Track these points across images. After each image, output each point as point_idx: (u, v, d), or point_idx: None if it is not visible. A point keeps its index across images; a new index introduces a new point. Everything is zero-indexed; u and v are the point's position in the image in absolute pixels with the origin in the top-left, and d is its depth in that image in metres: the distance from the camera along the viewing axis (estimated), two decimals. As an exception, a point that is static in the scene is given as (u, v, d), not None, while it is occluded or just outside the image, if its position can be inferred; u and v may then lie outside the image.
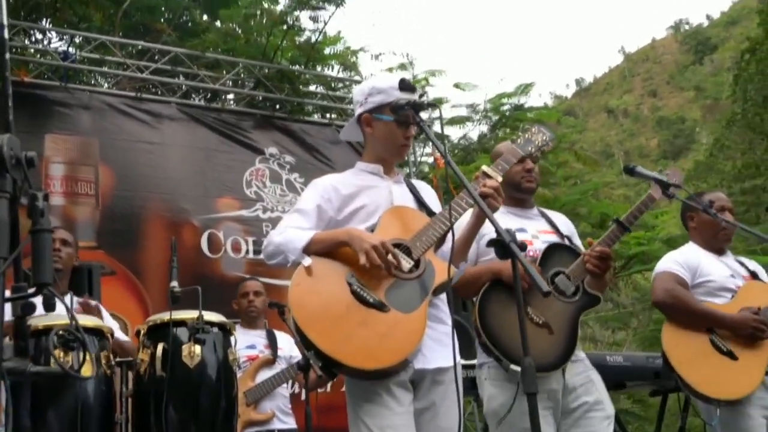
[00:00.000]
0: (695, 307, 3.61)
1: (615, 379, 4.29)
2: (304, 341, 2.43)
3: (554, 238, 3.24)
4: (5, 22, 1.52)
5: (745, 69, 26.17)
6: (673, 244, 6.84)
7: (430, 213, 2.79)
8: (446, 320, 2.65)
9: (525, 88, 10.10)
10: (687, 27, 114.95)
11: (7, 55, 1.53)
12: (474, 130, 10.50)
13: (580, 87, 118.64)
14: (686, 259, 3.78)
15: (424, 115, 7.65)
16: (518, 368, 2.75)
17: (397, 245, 2.57)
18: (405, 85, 2.74)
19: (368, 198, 2.75)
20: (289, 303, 2.48)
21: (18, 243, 1.44)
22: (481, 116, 10.28)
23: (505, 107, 10.22)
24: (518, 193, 3.30)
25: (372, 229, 2.64)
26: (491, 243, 2.24)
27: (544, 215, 3.40)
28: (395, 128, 2.75)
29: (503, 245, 2.18)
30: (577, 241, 3.36)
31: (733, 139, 27.22)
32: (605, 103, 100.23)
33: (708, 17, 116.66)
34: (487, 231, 3.03)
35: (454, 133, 10.61)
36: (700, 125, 71.62)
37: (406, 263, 2.55)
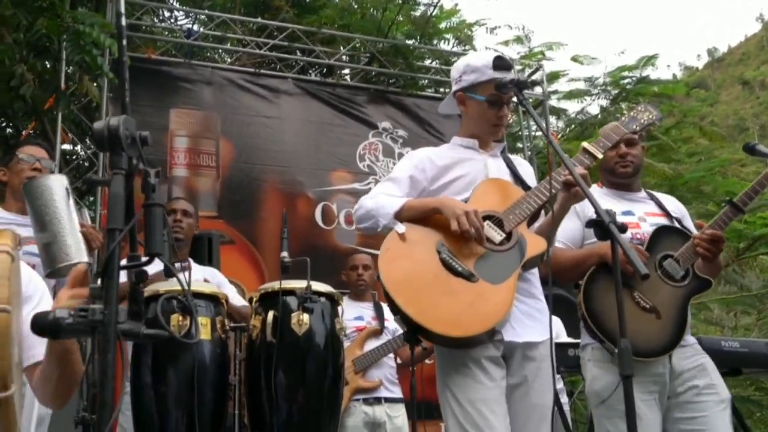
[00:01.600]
0: None
1: (730, 364, 4.12)
2: (392, 306, 2.49)
3: (663, 221, 3.15)
4: (123, 10, 1.63)
5: None
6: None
7: (526, 188, 2.77)
8: (539, 296, 2.64)
9: (648, 60, 9.70)
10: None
11: (124, 41, 1.65)
12: (593, 105, 10.20)
13: (713, 57, 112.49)
14: None
15: (538, 89, 7.49)
16: None
17: (490, 216, 2.58)
18: (500, 64, 2.71)
19: (463, 170, 2.76)
20: (379, 268, 2.53)
21: (133, 215, 1.56)
22: (600, 90, 9.96)
23: (626, 81, 9.85)
24: (614, 178, 3.23)
25: (466, 201, 2.65)
26: (590, 224, 2.23)
27: (652, 197, 3.30)
28: (487, 108, 2.75)
29: (602, 226, 2.16)
30: (689, 224, 3.25)
31: None
32: (740, 75, 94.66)
33: None
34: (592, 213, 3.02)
35: (572, 107, 10.33)
36: None
37: (498, 235, 2.55)
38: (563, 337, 5.09)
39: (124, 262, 1.59)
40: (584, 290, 2.95)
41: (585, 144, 2.78)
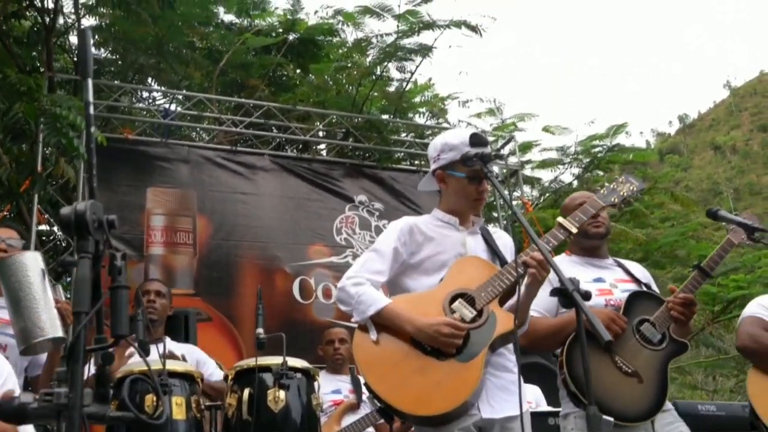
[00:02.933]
0: None
1: (708, 428, 4.14)
2: (365, 384, 2.53)
3: (633, 287, 3.19)
4: (91, 99, 1.69)
5: None
6: (776, 286, 6.57)
7: (504, 262, 2.80)
8: (512, 369, 2.65)
9: (617, 129, 9.95)
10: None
11: (93, 128, 1.70)
12: (566, 173, 10.40)
13: (684, 124, 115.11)
14: None
15: (512, 159, 7.61)
16: (610, 419, 2.73)
17: (461, 295, 2.62)
18: (476, 140, 2.76)
19: (440, 247, 2.78)
20: (352, 347, 2.60)
21: (100, 298, 1.58)
22: (572, 159, 10.17)
23: (597, 149, 10.07)
24: (587, 240, 3.26)
25: (443, 278, 2.69)
26: (554, 292, 2.26)
27: (619, 264, 3.35)
28: (467, 184, 2.78)
29: (566, 294, 2.19)
30: (655, 289, 3.30)
31: None
32: (711, 140, 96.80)
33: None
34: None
35: (546, 176, 10.53)
36: (815, 160, 68.10)
37: (469, 312, 2.58)
38: (543, 406, 5.06)
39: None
40: (566, 357, 2.96)
41: (560, 219, 2.83)
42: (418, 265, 2.77)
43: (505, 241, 2.95)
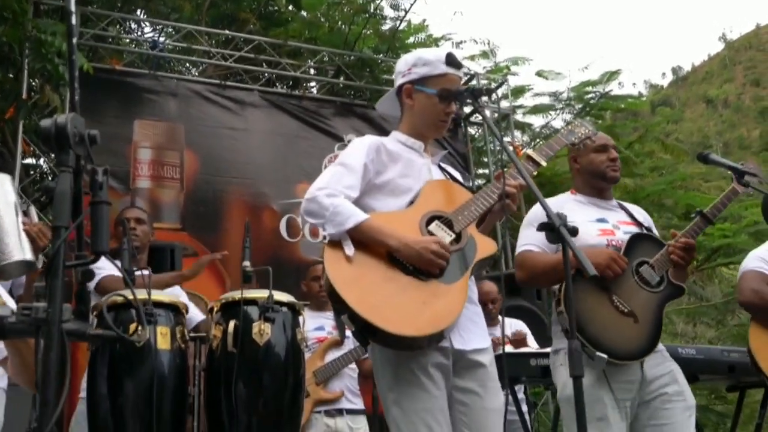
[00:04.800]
0: None
1: (687, 371, 4.15)
2: (339, 305, 2.35)
3: (634, 229, 3.20)
4: (73, 8, 1.62)
5: None
6: (761, 236, 6.58)
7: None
8: (476, 300, 2.62)
9: (611, 76, 9.87)
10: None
11: (74, 40, 1.63)
12: (557, 119, 10.35)
13: (677, 76, 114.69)
14: None
15: (504, 103, 7.54)
16: (604, 355, 2.76)
17: (438, 217, 2.54)
18: (452, 60, 2.65)
19: (406, 169, 2.67)
20: (324, 264, 2.39)
21: (80, 213, 1.54)
22: (564, 105, 10.10)
23: (590, 96, 10.01)
24: (602, 182, 3.25)
25: (413, 200, 2.60)
26: (542, 227, 2.24)
27: (622, 207, 3.35)
28: (437, 102, 2.65)
29: (552, 229, 2.18)
30: (655, 233, 3.31)
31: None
32: (704, 93, 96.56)
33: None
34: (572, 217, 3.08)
35: (537, 121, 10.47)
36: (806, 115, 68.18)
37: (447, 235, 2.50)
38: (532, 341, 5.11)
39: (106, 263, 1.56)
40: (563, 294, 2.96)
41: (529, 151, 2.80)
42: (383, 186, 2.64)
43: (458, 177, 2.88)
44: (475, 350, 2.53)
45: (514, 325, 5.18)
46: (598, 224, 3.12)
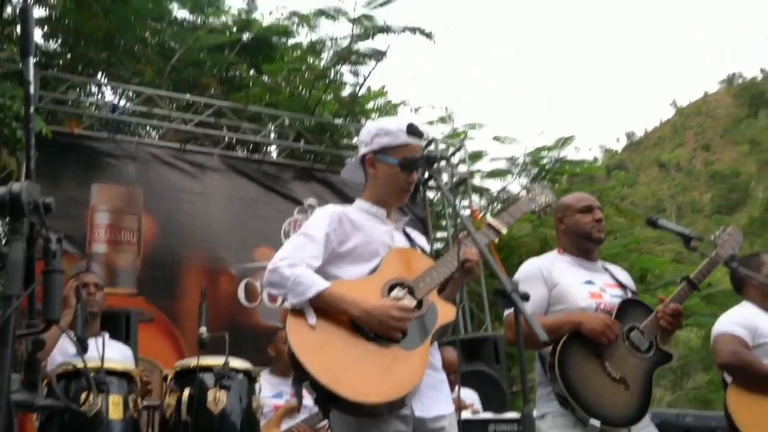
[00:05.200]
0: (764, 370, 3.56)
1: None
2: (300, 371, 2.35)
3: (619, 292, 3.23)
4: (31, 79, 1.63)
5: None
6: (712, 299, 6.71)
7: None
8: (439, 367, 2.62)
9: (565, 141, 10.12)
10: (740, 81, 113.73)
11: (32, 109, 1.64)
12: (514, 183, 10.54)
13: (631, 141, 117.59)
14: (745, 321, 3.71)
15: (462, 167, 7.65)
16: (597, 423, 2.77)
17: (399, 284, 2.56)
18: (413, 130, 2.72)
19: (369, 237, 2.70)
20: (287, 333, 2.40)
21: (33, 282, 1.52)
22: (520, 169, 10.30)
23: (545, 160, 10.23)
24: (588, 243, 3.27)
25: (375, 268, 2.62)
26: (495, 293, 2.26)
27: (606, 269, 3.39)
28: (399, 172, 2.70)
29: (505, 295, 2.19)
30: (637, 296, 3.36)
31: (789, 195, 26.72)
32: (657, 157, 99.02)
33: (762, 71, 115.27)
34: (560, 280, 3.10)
35: (494, 185, 10.66)
36: (755, 179, 70.26)
37: (409, 302, 2.51)
38: (479, 410, 5.09)
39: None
40: (558, 359, 2.96)
41: (490, 219, 2.84)
42: (346, 255, 2.66)
43: (422, 241, 2.91)
44: (437, 417, 2.52)
45: (468, 397, 5.14)
46: (587, 286, 3.14)
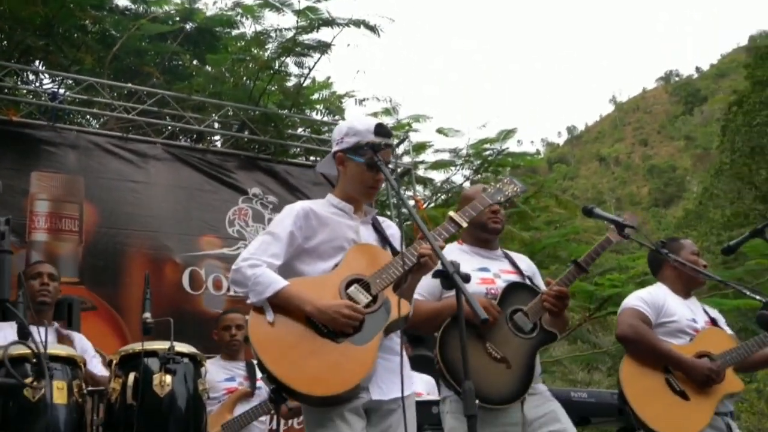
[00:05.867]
0: (657, 346, 3.73)
1: (579, 414, 4.38)
2: (259, 364, 2.58)
3: (515, 278, 3.37)
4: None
5: (733, 120, 26.68)
6: (645, 285, 6.94)
7: (394, 252, 2.92)
8: (398, 351, 2.75)
9: (507, 134, 10.29)
10: (677, 78, 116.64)
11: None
12: (457, 175, 10.69)
13: (572, 135, 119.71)
14: (653, 299, 3.90)
15: (406, 159, 7.75)
16: (475, 401, 2.88)
17: (357, 280, 2.73)
18: (381, 131, 2.86)
19: (334, 233, 2.87)
20: (248, 329, 2.66)
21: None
22: (464, 161, 10.45)
23: (488, 152, 10.40)
24: (484, 233, 3.44)
25: (337, 265, 2.79)
26: (437, 274, 2.37)
27: (507, 256, 3.53)
28: (365, 170, 2.86)
29: (447, 276, 2.31)
30: (539, 281, 3.49)
31: (722, 189, 27.56)
32: (597, 151, 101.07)
33: (698, 69, 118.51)
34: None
35: (438, 176, 10.81)
36: (690, 174, 72.26)
37: (365, 298, 2.69)
38: (436, 396, 5.18)
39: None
40: (440, 342, 3.09)
41: (451, 213, 2.97)
42: (312, 251, 2.85)
43: (393, 232, 3.07)
44: (395, 399, 2.67)
45: (424, 383, 5.23)
46: (480, 273, 3.30)
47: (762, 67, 26.33)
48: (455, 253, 3.34)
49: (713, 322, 4.01)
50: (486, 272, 3.34)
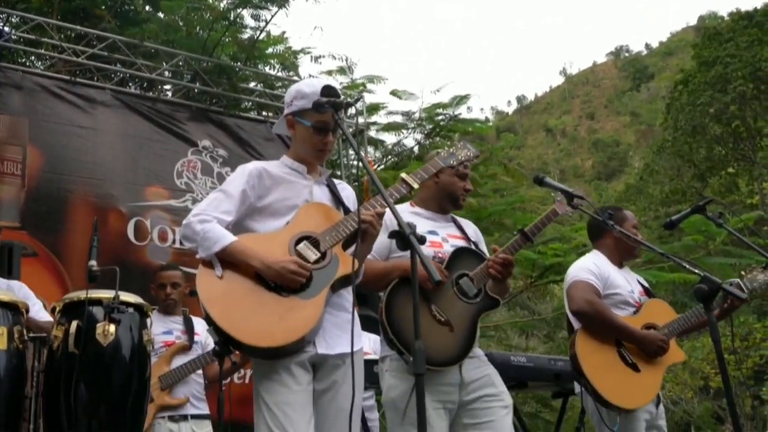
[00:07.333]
0: (612, 320, 3.84)
1: (518, 378, 4.51)
2: (206, 317, 2.63)
3: (462, 243, 3.43)
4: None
5: (678, 99, 27.28)
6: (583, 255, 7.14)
7: (347, 211, 2.97)
8: (349, 308, 2.81)
9: (460, 100, 10.34)
10: (627, 54, 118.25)
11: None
12: (409, 138, 10.72)
13: (521, 104, 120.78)
14: (599, 271, 3.99)
15: (359, 119, 7.79)
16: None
17: (307, 237, 2.77)
18: (328, 92, 2.87)
19: (288, 192, 2.91)
20: (197, 282, 2.67)
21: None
22: (416, 124, 10.48)
23: (440, 117, 10.44)
24: (451, 206, 3.49)
25: (288, 223, 2.83)
26: (392, 235, 2.41)
27: (455, 221, 3.58)
28: (313, 134, 2.92)
29: (403, 237, 2.34)
30: (484, 248, 3.56)
31: (663, 165, 28.25)
32: (545, 122, 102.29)
33: (647, 46, 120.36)
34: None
35: (390, 139, 10.83)
36: (633, 149, 73.72)
37: (313, 254, 2.73)
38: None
39: None
40: (386, 302, 3.14)
41: (404, 174, 3.00)
42: (264, 209, 2.89)
43: (348, 193, 3.13)
44: (340, 354, 2.75)
45: (371, 341, 5.29)
46: (429, 236, 3.30)
47: (709, 48, 26.95)
48: (406, 214, 3.37)
49: (647, 291, 4.14)
50: (435, 236, 3.38)
